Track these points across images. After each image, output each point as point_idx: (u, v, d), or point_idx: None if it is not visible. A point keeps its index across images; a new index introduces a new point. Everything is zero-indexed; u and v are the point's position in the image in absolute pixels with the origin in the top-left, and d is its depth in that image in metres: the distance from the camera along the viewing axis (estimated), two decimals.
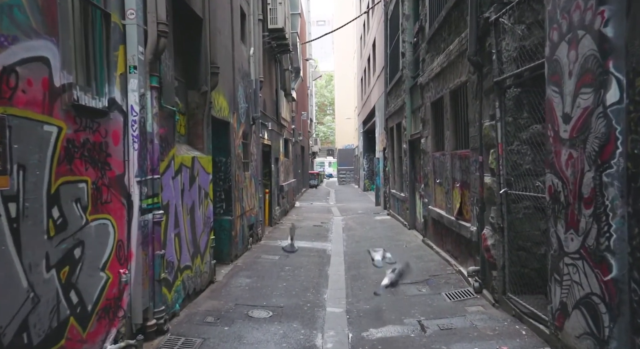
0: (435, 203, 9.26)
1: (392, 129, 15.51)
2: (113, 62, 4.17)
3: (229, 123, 8.35)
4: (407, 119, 12.39)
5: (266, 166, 13.68)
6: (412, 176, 12.41)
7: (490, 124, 5.59)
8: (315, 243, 11.06)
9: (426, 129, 9.78)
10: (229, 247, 8.36)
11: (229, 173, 8.37)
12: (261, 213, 11.66)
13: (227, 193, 8.38)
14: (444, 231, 8.36)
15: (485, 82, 5.76)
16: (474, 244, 6.45)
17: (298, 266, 8.50)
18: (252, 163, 10.56)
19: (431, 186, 9.47)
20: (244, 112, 9.66)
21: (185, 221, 5.78)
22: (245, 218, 9.60)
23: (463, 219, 7.16)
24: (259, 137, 11.56)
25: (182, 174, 5.71)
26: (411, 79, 12.21)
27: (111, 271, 4.06)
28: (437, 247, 8.96)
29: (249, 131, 10.16)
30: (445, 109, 8.01)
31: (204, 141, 6.79)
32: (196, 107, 6.75)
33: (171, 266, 5.27)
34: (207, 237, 6.73)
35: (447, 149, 8.02)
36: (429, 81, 9.29)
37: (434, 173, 9.27)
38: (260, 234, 11.17)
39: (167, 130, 5.26)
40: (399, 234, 11.95)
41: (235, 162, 8.75)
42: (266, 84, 12.93)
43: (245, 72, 9.94)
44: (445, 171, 8.18)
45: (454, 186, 7.66)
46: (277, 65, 14.96)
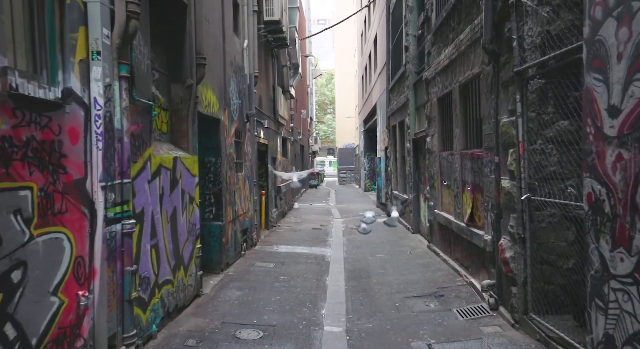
0: (442, 207, 8.61)
1: (394, 127, 14.86)
2: (70, 45, 3.52)
3: (219, 120, 7.70)
4: (410, 116, 11.73)
5: (262, 167, 13.03)
6: (416, 177, 11.76)
7: (509, 121, 4.94)
8: (313, 248, 10.41)
9: (432, 127, 9.13)
10: (219, 256, 7.71)
11: (219, 174, 7.72)
12: (256, 216, 11.02)
13: (217, 196, 7.73)
14: (453, 238, 7.71)
15: (503, 73, 5.11)
16: (488, 254, 5.80)
17: (294, 275, 7.85)
18: (246, 163, 9.92)
19: (437, 188, 8.82)
20: (236, 108, 9.01)
21: (164, 229, 5.14)
22: (238, 223, 8.95)
23: (475, 225, 6.51)
24: (254, 136, 10.91)
25: (160, 176, 5.06)
26: (415, 75, 11.56)
27: (66, 294, 3.41)
28: (444, 255, 8.31)
29: (242, 129, 9.51)
30: (454, 105, 7.36)
31: (189, 139, 6.14)
32: (180, 102, 6.10)
33: (146, 283, 4.62)
34: (192, 247, 6.08)
35: (456, 149, 7.37)
36: (435, 76, 8.63)
37: (440, 174, 8.62)
38: (255, 239, 10.52)
39: (142, 127, 4.61)
40: (402, 238, 11.30)
41: (227, 162, 8.10)
42: (262, 80, 12.28)
43: (239, 66, 9.29)
44: (454, 172, 7.53)
45: (464, 189, 7.01)
46: (274, 61, 14.31)
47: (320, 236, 12.30)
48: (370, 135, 28.94)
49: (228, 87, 8.34)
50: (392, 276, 7.58)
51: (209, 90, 7.11)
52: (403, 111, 12.81)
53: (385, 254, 9.55)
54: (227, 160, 8.17)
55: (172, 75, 6.04)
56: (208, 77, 7.04)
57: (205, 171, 7.70)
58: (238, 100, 9.17)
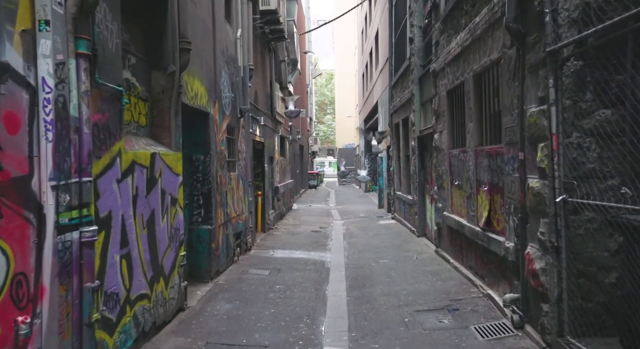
0: (452, 209, 7.91)
1: (397, 125, 14.16)
2: (7, 11, 2.83)
3: (208, 114, 7.01)
4: (415, 112, 11.04)
5: (259, 166, 12.34)
6: (421, 177, 11.06)
7: (539, 110, 4.24)
8: (312, 253, 9.72)
9: (440, 123, 8.44)
10: (208, 263, 7.01)
11: (208, 174, 7.03)
12: (252, 219, 10.32)
13: (205, 198, 7.04)
14: (465, 243, 7.01)
15: (531, 55, 4.41)
16: (509, 264, 5.10)
17: (291, 284, 7.16)
18: (240, 162, 9.23)
19: (447, 189, 8.12)
20: (229, 102, 8.32)
21: (139, 236, 4.44)
22: (230, 226, 8.26)
23: (493, 230, 5.81)
24: (249, 133, 10.22)
25: (134, 175, 4.37)
26: (420, 68, 10.87)
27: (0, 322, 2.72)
28: (454, 261, 7.61)
29: (235, 124, 8.82)
30: (467, 96, 6.67)
31: (171, 134, 5.45)
32: (162, 91, 5.41)
33: (114, 300, 3.92)
34: (174, 255, 5.39)
35: (469, 145, 6.67)
36: (444, 66, 7.94)
37: (450, 174, 7.93)
38: (250, 243, 9.83)
39: (109, 116, 3.91)
40: (407, 242, 10.60)
41: (217, 160, 7.41)
42: (258, 74, 11.60)
43: (231, 56, 8.60)
44: (467, 171, 6.83)
45: (479, 190, 6.31)
46: (271, 55, 13.63)
47: (319, 239, 11.61)
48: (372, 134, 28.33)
49: (219, 79, 7.64)
50: (399, 286, 6.88)
51: (196, 80, 6.42)
52: (407, 107, 12.12)
53: (390, 259, 8.86)
54: (218, 158, 7.48)
55: (152, 61, 5.35)
56: (195, 65, 6.35)
57: (193, 170, 7.01)
58: (230, 93, 8.48)
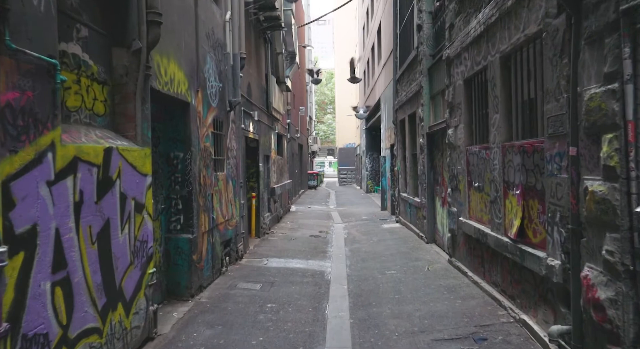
0: (470, 214, 6.92)
1: (402, 121, 13.18)
2: None
3: (189, 104, 6.01)
4: (424, 107, 10.05)
5: (253, 165, 11.35)
6: (431, 178, 10.07)
7: (605, 91, 3.25)
8: (310, 262, 8.72)
9: (455, 116, 7.45)
10: (189, 278, 6.02)
11: (188, 174, 6.03)
12: (244, 223, 9.33)
13: (185, 201, 6.04)
14: (488, 255, 6.02)
15: (592, 20, 3.41)
16: (554, 286, 4.11)
17: (285, 301, 6.16)
18: (230, 161, 8.23)
19: (463, 191, 7.13)
20: (215, 93, 7.33)
21: (84, 254, 3.44)
22: (217, 233, 7.26)
23: (527, 243, 4.81)
24: (241, 128, 9.23)
25: (77, 175, 3.37)
26: (430, 58, 9.88)
27: None
28: (473, 275, 6.62)
29: (224, 118, 7.82)
30: (492, 83, 5.68)
31: (137, 125, 4.46)
32: (125, 73, 4.42)
33: (40, 344, 2.92)
34: (140, 273, 4.39)
35: (494, 141, 5.68)
36: (460, 52, 6.95)
37: (468, 174, 6.94)
38: (241, 251, 8.83)
39: (33, 97, 2.91)
40: (416, 249, 9.60)
41: (201, 158, 6.42)
42: (252, 65, 10.61)
43: (219, 41, 7.61)
44: (490, 171, 5.84)
45: (508, 193, 5.32)
46: (267, 46, 12.63)
47: (319, 245, 10.62)
48: (373, 133, 27.33)
49: (203, 65, 6.65)
50: (411, 305, 5.89)
51: (173, 63, 5.43)
52: (414, 101, 11.13)
53: (398, 270, 7.86)
54: (202, 155, 6.49)
55: (113, 36, 4.35)
56: (170, 45, 5.36)
57: (171, 170, 6.02)
58: (218, 83, 7.48)
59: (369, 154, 28.49)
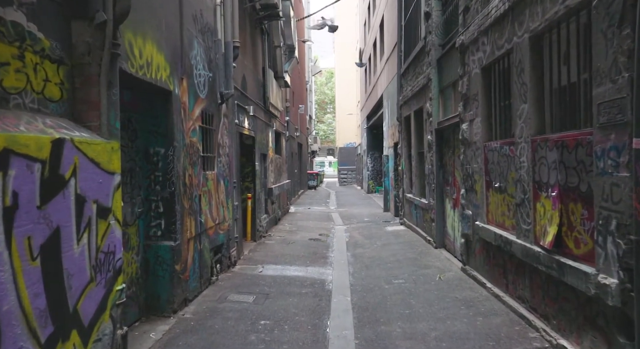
0: (488, 218, 6.18)
1: (407, 118, 12.43)
2: None
3: (171, 93, 5.26)
4: (433, 101, 9.31)
5: (248, 164, 10.61)
6: (440, 177, 9.33)
7: None
8: (310, 270, 7.98)
9: (471, 109, 6.70)
10: (170, 290, 5.26)
11: (170, 172, 5.29)
12: (237, 227, 8.59)
13: (167, 204, 5.29)
14: (513, 266, 5.27)
15: None
16: (608, 309, 3.36)
17: (281, 317, 5.42)
18: (222, 159, 7.49)
19: (480, 193, 6.39)
20: (204, 83, 6.58)
21: (19, 274, 2.70)
22: (206, 239, 6.52)
23: (567, 254, 4.07)
24: (235, 123, 8.48)
25: (7, 173, 2.62)
26: (439, 48, 9.14)
27: None
28: (493, 287, 5.88)
29: (214, 112, 7.08)
30: (519, 69, 4.93)
31: (101, 113, 3.71)
32: (87, 52, 3.68)
33: None
34: (103, 291, 3.64)
35: (520, 135, 4.93)
36: (478, 37, 6.21)
37: (486, 173, 6.20)
38: (234, 258, 8.09)
39: None
40: (424, 255, 8.85)
41: (186, 155, 5.68)
42: (247, 57, 9.86)
43: (208, 26, 6.87)
44: (516, 169, 5.10)
45: (540, 195, 4.57)
46: (264, 38, 11.89)
47: (319, 249, 9.87)
48: (375, 132, 26.60)
49: (189, 50, 5.91)
50: (425, 322, 5.14)
51: (150, 43, 4.68)
52: (422, 95, 10.39)
53: (406, 279, 7.13)
54: (188, 152, 5.75)
55: (71, 6, 3.61)
56: (147, 22, 4.62)
57: (151, 168, 5.27)
58: (207, 72, 6.74)
59: (370, 153, 27.76)
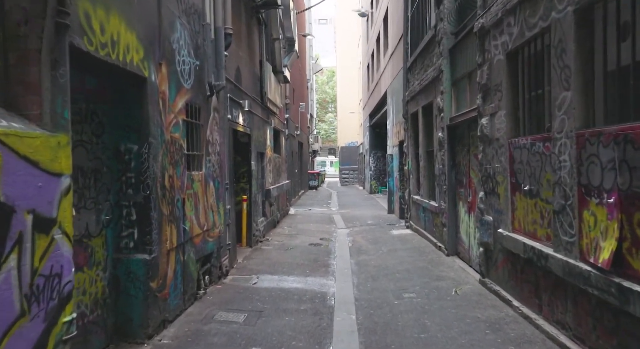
0: (515, 226, 5.38)
1: (415, 114, 11.63)
2: None
3: (145, 80, 4.47)
4: (444, 94, 8.51)
5: (244, 164, 9.82)
6: (452, 178, 8.53)
7: None
8: (310, 280, 7.19)
9: (492, 102, 5.90)
10: (144, 312, 4.46)
11: (145, 173, 4.49)
12: (230, 232, 7.80)
13: (141, 210, 4.50)
14: (549, 284, 4.47)
15: None
16: None
17: (275, 343, 4.62)
18: (211, 157, 6.70)
19: (504, 196, 5.59)
20: (189, 71, 5.79)
21: None
22: (191, 249, 5.73)
23: (633, 277, 3.26)
24: (227, 119, 7.69)
25: None
26: (452, 37, 8.35)
27: None
28: (522, 305, 5.08)
29: (202, 104, 6.29)
30: (559, 50, 4.13)
31: (43, 99, 2.92)
32: (24, 20, 2.89)
33: None
34: (42, 327, 2.84)
35: (560, 129, 4.13)
36: (502, 17, 5.41)
37: (511, 174, 5.40)
38: (226, 267, 7.30)
39: None
40: (435, 264, 8.05)
41: (165, 153, 4.89)
42: (242, 48, 9.07)
43: (195, 7, 6.07)
44: (554, 169, 4.30)
45: (588, 202, 3.77)
46: (261, 29, 11.09)
47: (319, 256, 9.08)
48: (377, 130, 25.81)
49: (170, 32, 5.12)
50: None
51: (116, 17, 3.88)
52: (431, 89, 9.59)
53: (418, 293, 6.33)
54: (168, 150, 4.96)
55: None
56: None
57: (122, 168, 4.48)
58: (193, 59, 5.95)
59: (373, 152, 26.96)
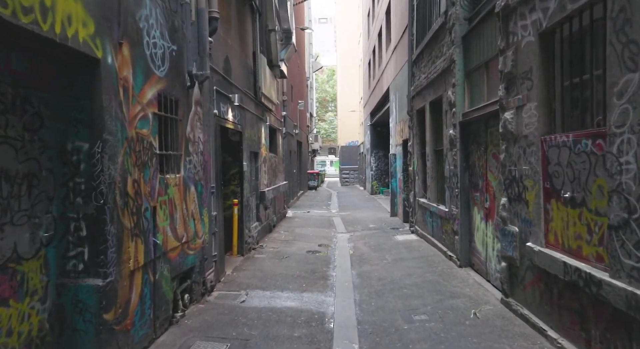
0: (550, 240, 4.50)
1: (421, 111, 10.75)
2: None
3: (97, 62, 3.59)
4: (456, 87, 7.64)
5: (234, 164, 8.95)
6: (465, 181, 7.65)
7: None
8: (306, 297, 6.32)
9: (518, 93, 5.03)
10: None
11: (98, 178, 3.61)
12: (217, 241, 6.93)
13: (93, 224, 3.62)
14: (604, 317, 3.60)
15: None
16: None
17: None
18: (193, 158, 5.83)
19: (535, 204, 4.71)
20: (163, 56, 4.91)
21: None
22: (165, 266, 4.86)
23: None
24: (213, 114, 6.82)
25: None
26: (465, 23, 7.48)
27: None
28: (560, 337, 4.20)
29: (180, 96, 5.41)
30: (620, 21, 3.25)
31: None
32: None
33: None
34: None
35: (622, 121, 3.25)
36: None
37: (545, 178, 4.52)
38: (211, 282, 6.43)
39: None
40: (447, 276, 7.16)
41: (128, 153, 4.01)
42: (232, 36, 8.20)
43: None
44: (611, 174, 3.42)
45: None
46: (255, 18, 10.22)
47: (318, 266, 8.21)
48: (379, 129, 24.93)
49: (135, 7, 4.23)
50: None
51: None
52: (440, 82, 8.71)
53: (430, 314, 5.46)
54: (132, 148, 4.09)
55: None
56: None
57: (67, 171, 3.60)
58: (167, 43, 5.07)
59: (374, 152, 26.09)
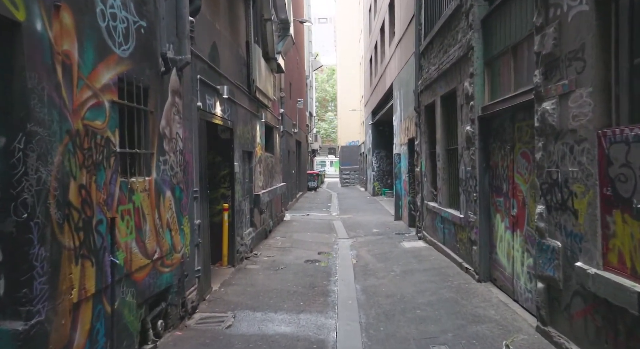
0: (609, 260, 3.56)
1: (430, 106, 9.81)
2: None
3: (18, 26, 2.65)
4: (475, 77, 6.70)
5: (224, 165, 8.02)
6: (485, 183, 6.71)
7: None
8: (303, 319, 5.38)
9: (563, 78, 4.09)
10: None
11: (19, 184, 2.67)
12: (199, 255, 6.00)
13: (12, 245, 2.68)
14: None
15: None
16: None
17: None
18: (169, 158, 4.89)
19: (588, 214, 3.78)
20: (126, 32, 3.97)
21: None
22: (129, 290, 3.92)
23: None
24: (197, 107, 5.89)
25: None
26: (485, 4, 6.56)
27: None
28: None
29: (153, 83, 4.47)
30: None
31: None
32: None
33: None
34: None
35: None
36: None
37: (603, 183, 3.59)
38: (193, 301, 5.50)
39: None
40: (466, 294, 6.21)
41: (71, 151, 3.08)
42: (221, 21, 7.27)
43: None
44: None
45: None
46: (249, 4, 9.30)
47: (317, 280, 7.28)
48: (381, 128, 24.01)
49: None
50: None
51: None
52: (454, 73, 7.78)
53: (452, 345, 4.53)
54: (77, 145, 3.16)
55: None
56: None
57: None
58: (133, 16, 4.13)
59: (376, 152, 25.16)
